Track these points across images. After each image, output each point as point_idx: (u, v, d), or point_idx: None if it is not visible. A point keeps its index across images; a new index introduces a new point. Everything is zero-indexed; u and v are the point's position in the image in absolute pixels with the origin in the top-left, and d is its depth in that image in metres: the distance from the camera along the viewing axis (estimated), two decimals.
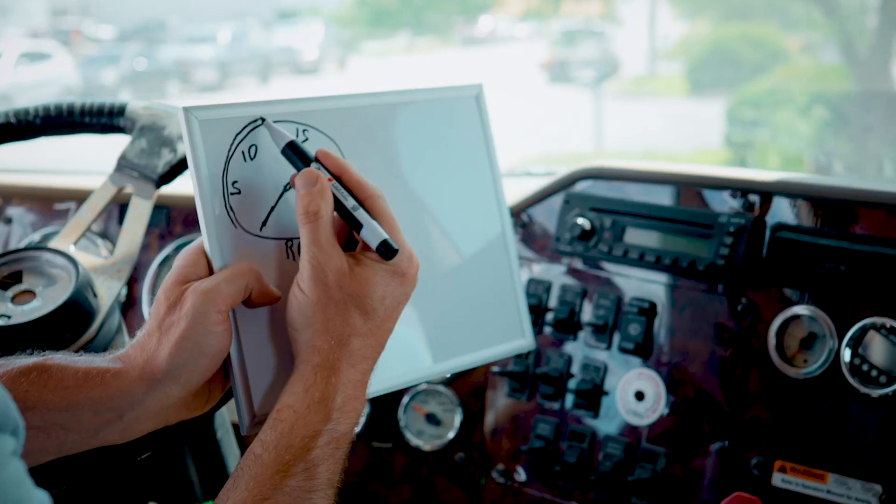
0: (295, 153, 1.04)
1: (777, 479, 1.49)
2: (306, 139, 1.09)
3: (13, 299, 1.33)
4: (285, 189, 1.07)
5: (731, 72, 12.35)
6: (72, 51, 18.79)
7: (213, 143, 1.04)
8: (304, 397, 0.98)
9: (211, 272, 1.03)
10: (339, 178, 1.04)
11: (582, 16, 19.70)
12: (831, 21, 10.10)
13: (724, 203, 1.59)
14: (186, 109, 1.03)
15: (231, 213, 1.04)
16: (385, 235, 1.02)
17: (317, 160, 1.04)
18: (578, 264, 1.71)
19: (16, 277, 1.36)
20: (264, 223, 1.06)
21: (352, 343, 1.00)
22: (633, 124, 12.17)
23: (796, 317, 1.50)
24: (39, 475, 1.15)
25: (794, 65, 12.44)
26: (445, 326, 1.19)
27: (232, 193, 1.04)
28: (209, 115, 1.04)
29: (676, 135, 11.31)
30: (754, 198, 1.57)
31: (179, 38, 20.18)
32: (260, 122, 1.06)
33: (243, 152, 1.05)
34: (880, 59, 8.48)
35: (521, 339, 1.27)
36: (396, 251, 1.02)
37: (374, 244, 1.02)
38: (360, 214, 1.03)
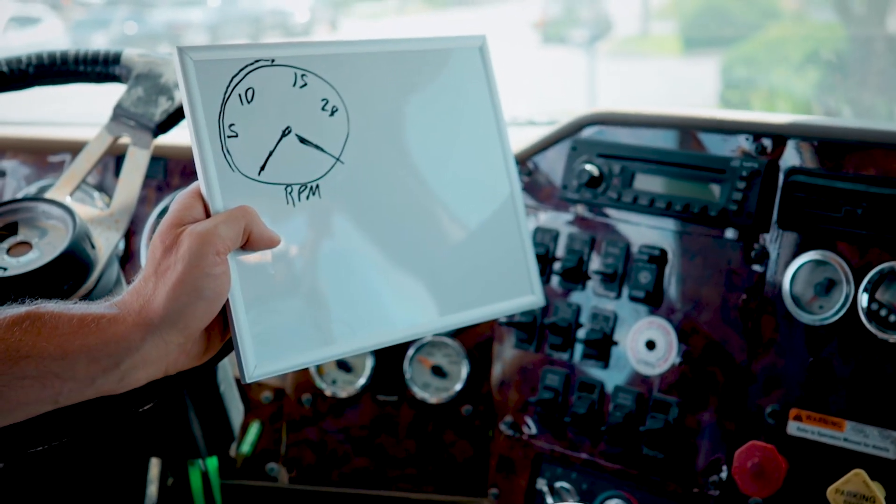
0: None
1: (792, 428, 1.46)
2: (305, 84, 1.07)
3: (9, 251, 1.30)
4: (284, 134, 1.05)
5: (724, 30, 12.29)
6: (61, 15, 18.66)
7: (208, 84, 1.01)
8: None
9: (208, 216, 1.00)
10: None
11: None
12: None
13: (735, 147, 1.56)
14: (181, 49, 1.01)
15: (228, 157, 1.01)
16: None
17: None
18: (586, 212, 1.68)
19: (11, 229, 1.33)
20: (262, 167, 1.04)
21: None
22: (626, 84, 12.11)
23: (811, 262, 1.47)
24: (38, 427, 1.13)
25: (788, 23, 12.38)
26: (452, 280, 1.17)
27: (229, 136, 1.02)
28: (205, 56, 1.02)
29: (670, 94, 11.27)
30: (767, 141, 1.53)
31: (169, 2, 20.04)
32: (262, 63, 1.04)
33: (240, 95, 1.03)
34: (876, 16, 8.42)
35: (529, 294, 1.24)
36: None
37: None
38: None
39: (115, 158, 1.85)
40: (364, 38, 1.13)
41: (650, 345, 1.59)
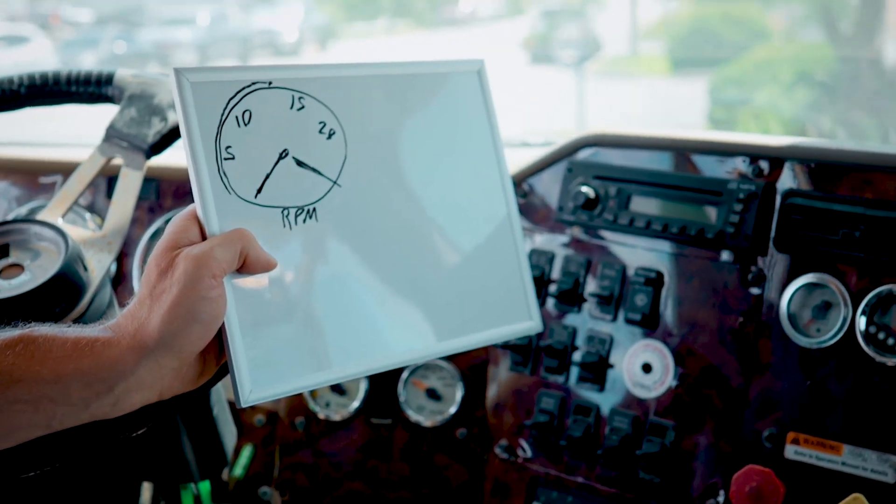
0: None
1: (790, 452, 1.45)
2: (302, 107, 1.06)
3: (1, 273, 1.29)
4: (281, 156, 1.04)
5: (712, 51, 12.34)
6: (50, 34, 18.67)
7: (205, 106, 1.00)
8: None
9: (204, 238, 0.99)
10: None
11: None
12: None
13: (732, 169, 1.55)
14: (178, 71, 1.00)
15: (225, 179, 1.00)
16: None
17: None
18: (582, 234, 1.67)
19: (2, 251, 1.31)
20: (259, 190, 1.03)
21: None
22: (614, 104, 12.15)
23: (809, 285, 1.47)
24: (30, 452, 1.12)
25: (776, 43, 12.43)
26: (449, 305, 1.15)
27: (226, 159, 1.01)
28: (201, 78, 1.01)
29: (658, 114, 11.30)
30: (764, 164, 1.53)
31: (158, 21, 20.08)
32: (259, 86, 1.04)
33: (237, 117, 1.02)
34: (864, 36, 8.46)
35: (527, 320, 1.23)
36: None
37: None
38: None
39: (106, 179, 1.84)
40: (362, 61, 1.12)
41: (646, 368, 1.58)
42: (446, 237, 1.16)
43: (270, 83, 1.05)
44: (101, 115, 1.51)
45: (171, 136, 1.45)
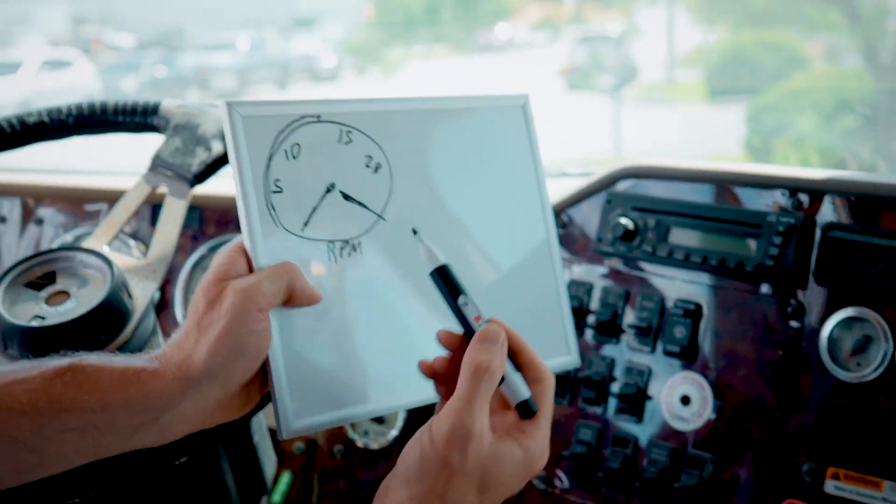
0: (445, 280, 1.02)
1: (830, 486, 1.45)
2: (350, 141, 1.07)
3: (47, 300, 1.30)
4: (328, 190, 1.05)
5: (749, 78, 12.29)
6: (92, 59, 18.88)
7: (255, 140, 1.02)
8: None
9: (251, 271, 1.00)
10: (514, 352, 1.00)
11: (600, 23, 19.68)
12: (852, 25, 10.03)
13: (772, 202, 1.55)
14: (230, 105, 1.01)
15: (273, 212, 1.01)
16: (527, 395, 0.99)
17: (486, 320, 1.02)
18: (620, 265, 1.68)
19: (49, 278, 1.33)
20: (306, 223, 1.04)
21: None
22: (651, 130, 12.12)
23: (849, 319, 1.46)
24: (73, 478, 1.13)
25: (815, 70, 12.37)
26: None
27: (274, 192, 1.02)
28: (253, 112, 1.02)
29: (694, 141, 11.26)
30: (804, 196, 1.52)
31: (198, 46, 20.29)
32: (308, 119, 1.05)
33: (286, 150, 1.03)
34: None
35: (566, 355, 1.22)
36: (535, 412, 0.99)
37: (515, 400, 0.99)
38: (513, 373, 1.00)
39: (150, 207, 1.86)
40: (408, 95, 1.13)
41: (685, 400, 1.58)
42: (488, 271, 1.16)
43: (319, 117, 1.06)
44: (124, 143, 1.53)
45: (215, 165, 1.46)
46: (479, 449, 0.94)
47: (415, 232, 1.06)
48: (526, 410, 0.99)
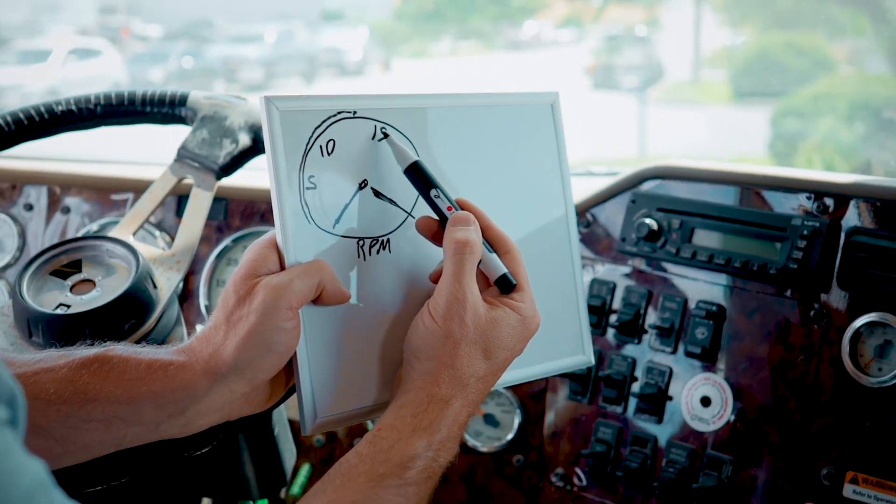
0: (419, 175, 1.05)
1: (848, 491, 1.44)
2: (384, 136, 1.07)
3: (72, 288, 1.31)
4: (360, 187, 1.05)
5: (775, 80, 12.24)
6: (120, 48, 18.95)
7: (291, 135, 1.02)
8: (410, 421, 0.97)
9: (282, 267, 1.00)
10: (482, 230, 1.06)
11: (624, 22, 19.62)
12: (878, 28, 9.97)
13: (796, 205, 1.55)
14: (268, 99, 1.01)
15: (306, 208, 1.02)
16: (505, 270, 1.05)
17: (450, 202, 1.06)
18: (643, 266, 1.68)
19: (75, 266, 1.34)
20: (338, 220, 1.04)
21: (470, 384, 1.00)
22: (675, 130, 12.10)
23: (871, 323, 1.46)
24: (96, 467, 1.14)
25: (840, 73, 12.31)
26: None
27: (307, 188, 1.02)
28: (290, 107, 1.02)
29: (719, 141, 11.23)
30: (829, 200, 1.52)
31: (226, 38, 20.34)
32: (345, 115, 1.05)
33: (321, 146, 1.03)
34: None
35: (580, 354, 1.22)
36: (514, 284, 1.04)
37: (495, 276, 1.05)
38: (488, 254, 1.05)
39: (176, 198, 1.87)
40: (440, 91, 1.14)
41: (705, 401, 1.58)
42: None
43: (355, 113, 1.06)
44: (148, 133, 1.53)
45: (242, 157, 1.47)
46: (475, 316, 1.00)
47: (385, 135, 1.06)
48: (506, 284, 1.04)
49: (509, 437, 1.77)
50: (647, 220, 1.65)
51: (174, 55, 18.10)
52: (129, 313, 1.28)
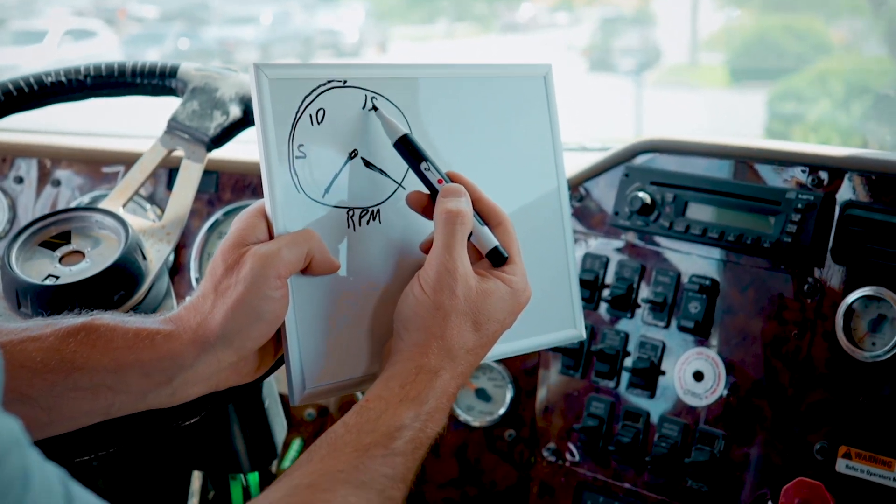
0: (408, 148, 1.04)
1: (841, 465, 1.44)
2: (374, 107, 1.06)
3: (61, 259, 1.30)
4: (350, 157, 1.05)
5: (772, 63, 12.23)
6: (116, 29, 18.90)
7: (281, 103, 1.01)
8: (398, 392, 0.96)
9: (271, 236, 1.00)
10: (474, 202, 1.05)
11: (618, 6, 19.57)
12: (877, 10, 9.95)
13: (791, 179, 1.54)
14: (257, 66, 1.00)
15: (295, 177, 1.01)
16: (496, 242, 1.04)
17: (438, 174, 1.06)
18: (636, 240, 1.67)
19: (64, 238, 1.33)
20: (327, 190, 1.03)
21: (459, 356, 1.00)
22: (672, 113, 12.08)
23: (865, 297, 1.45)
24: (84, 436, 1.13)
25: (838, 56, 12.30)
26: None
27: (297, 157, 1.01)
28: (280, 74, 1.01)
29: (716, 124, 11.23)
30: (823, 174, 1.51)
31: (222, 19, 20.28)
32: (335, 84, 1.04)
33: (311, 115, 1.03)
34: None
35: (571, 328, 1.22)
36: (506, 258, 1.04)
37: (486, 248, 1.04)
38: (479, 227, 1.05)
39: (167, 171, 1.86)
40: (434, 62, 1.13)
41: (698, 376, 1.58)
42: None
43: (345, 82, 1.05)
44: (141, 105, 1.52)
45: (232, 129, 1.46)
46: (466, 287, 0.99)
47: (375, 108, 1.06)
48: (497, 257, 1.04)
49: (501, 411, 1.76)
50: (641, 194, 1.64)
51: (170, 36, 18.06)
52: (119, 284, 1.27)
